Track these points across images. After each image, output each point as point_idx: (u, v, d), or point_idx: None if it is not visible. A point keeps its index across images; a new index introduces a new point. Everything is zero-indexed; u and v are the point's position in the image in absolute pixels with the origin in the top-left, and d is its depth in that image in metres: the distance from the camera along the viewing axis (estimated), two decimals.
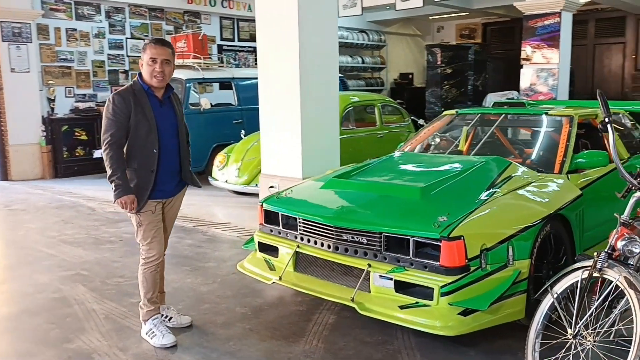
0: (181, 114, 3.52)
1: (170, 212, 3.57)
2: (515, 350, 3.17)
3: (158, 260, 3.44)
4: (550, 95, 9.53)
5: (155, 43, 3.32)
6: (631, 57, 13.67)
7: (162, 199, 3.44)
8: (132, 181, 3.31)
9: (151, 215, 3.39)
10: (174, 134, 3.44)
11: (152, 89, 3.35)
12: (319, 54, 5.44)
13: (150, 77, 3.29)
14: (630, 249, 2.58)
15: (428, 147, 5.07)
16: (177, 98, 3.56)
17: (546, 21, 9.36)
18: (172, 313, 3.67)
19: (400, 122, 8.73)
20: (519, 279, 3.22)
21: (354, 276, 3.42)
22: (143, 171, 3.32)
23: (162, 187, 3.41)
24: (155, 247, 3.41)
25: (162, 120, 3.37)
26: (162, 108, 3.39)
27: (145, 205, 3.34)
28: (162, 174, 3.37)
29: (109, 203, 7.64)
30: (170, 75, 3.36)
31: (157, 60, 3.27)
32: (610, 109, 2.77)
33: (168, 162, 3.40)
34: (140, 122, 3.28)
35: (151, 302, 3.46)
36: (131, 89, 3.32)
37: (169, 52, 3.32)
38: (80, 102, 10.26)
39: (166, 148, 3.38)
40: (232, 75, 9.34)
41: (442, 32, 16.44)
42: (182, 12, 11.62)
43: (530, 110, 4.92)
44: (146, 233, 3.40)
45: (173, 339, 3.38)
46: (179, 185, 3.55)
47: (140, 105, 3.28)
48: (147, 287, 3.43)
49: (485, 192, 3.59)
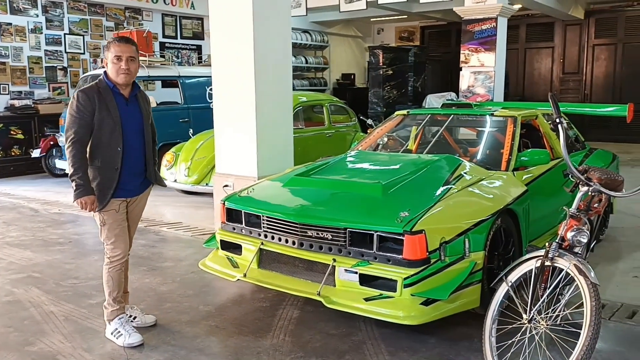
0: (147, 113, 3.52)
1: (135, 211, 3.56)
2: (472, 337, 3.38)
3: (123, 259, 3.43)
4: (487, 97, 9.98)
5: (119, 41, 3.34)
6: (559, 61, 14.49)
7: (125, 197, 3.43)
8: (95, 179, 3.30)
9: (115, 214, 3.38)
10: (139, 133, 3.44)
11: (118, 87, 3.34)
12: (273, 51, 5.50)
13: (116, 74, 3.29)
14: (579, 239, 2.82)
15: (380, 146, 5.25)
16: (144, 96, 3.55)
17: (483, 26, 9.79)
18: (136, 312, 3.65)
19: (348, 121, 8.91)
20: (474, 270, 3.42)
21: (319, 271, 3.53)
22: (106, 169, 3.31)
23: (126, 186, 3.40)
24: (120, 246, 3.41)
25: (127, 119, 3.36)
26: (128, 106, 3.38)
27: (108, 204, 3.33)
28: (126, 172, 3.37)
29: (51, 204, 7.42)
30: (136, 72, 3.38)
31: (122, 58, 3.27)
32: (560, 110, 3.01)
33: (132, 160, 3.40)
34: (105, 120, 3.27)
35: (116, 301, 3.45)
36: (96, 87, 3.31)
37: (133, 50, 3.34)
38: (16, 99, 9.86)
39: (131, 147, 3.38)
40: (178, 73, 9.24)
41: (382, 34, 16.83)
42: (123, 8, 11.37)
43: (477, 111, 5.19)
44: (110, 232, 3.38)
45: (140, 338, 3.38)
46: (144, 184, 3.55)
47: (105, 103, 3.28)
48: (112, 286, 3.42)
49: (441, 188, 3.78)
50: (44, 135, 9.61)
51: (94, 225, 6.41)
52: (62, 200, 7.63)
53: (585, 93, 14.21)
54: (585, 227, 2.87)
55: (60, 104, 9.95)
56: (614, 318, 3.70)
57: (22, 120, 9.68)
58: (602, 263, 4.78)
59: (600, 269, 4.63)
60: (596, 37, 13.98)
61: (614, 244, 5.38)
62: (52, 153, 9.32)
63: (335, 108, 8.85)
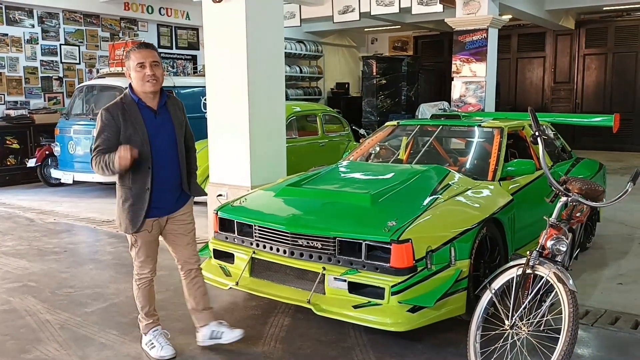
0: (180, 121, 3.28)
1: (179, 229, 3.33)
2: (457, 342, 3.47)
3: (150, 277, 3.36)
4: (479, 107, 10.12)
5: (139, 47, 3.13)
6: (550, 71, 14.67)
7: (160, 216, 3.24)
8: (127, 201, 3.14)
9: (146, 235, 3.23)
10: (172, 145, 3.22)
11: (144, 100, 3.14)
12: (266, 62, 5.60)
13: (142, 83, 3.07)
14: (558, 247, 2.93)
15: (371, 156, 5.36)
16: (175, 103, 3.31)
17: (474, 37, 9.94)
18: (224, 328, 3.48)
19: (341, 131, 9.03)
20: (460, 278, 3.52)
21: (309, 279, 3.62)
22: (137, 190, 3.14)
23: (160, 204, 3.21)
24: (149, 265, 3.32)
25: (157, 133, 3.15)
26: (157, 119, 3.17)
27: (142, 225, 3.17)
28: (159, 190, 3.17)
29: (47, 213, 7.48)
30: (163, 78, 3.17)
31: (146, 64, 3.06)
32: (539, 123, 3.12)
33: (165, 177, 3.20)
34: (132, 137, 3.07)
35: (148, 315, 3.42)
36: (121, 103, 3.12)
37: (155, 54, 3.13)
38: (11, 109, 9.94)
39: (163, 162, 3.17)
40: (173, 83, 9.33)
41: (376, 43, 16.99)
42: (119, 19, 11.48)
43: (465, 122, 5.30)
44: (140, 252, 3.28)
45: (172, 351, 3.36)
46: (182, 199, 3.32)
47: (131, 120, 3.08)
48: (141, 302, 3.39)
49: (429, 198, 3.89)
50: (40, 145, 9.69)
51: (89, 235, 6.52)
52: (57, 210, 7.70)
53: (577, 102, 14.39)
54: (565, 236, 2.97)
55: (56, 113, 10.03)
56: (597, 324, 3.79)
57: (18, 130, 9.75)
58: (587, 270, 4.88)
59: (586, 276, 4.74)
60: (587, 46, 14.18)
61: (600, 251, 5.49)
62: (48, 162, 9.38)
63: (328, 118, 8.97)
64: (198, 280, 3.46)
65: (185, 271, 3.46)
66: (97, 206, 7.99)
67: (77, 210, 7.65)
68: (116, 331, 3.78)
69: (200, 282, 3.47)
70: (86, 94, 9.00)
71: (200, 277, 3.48)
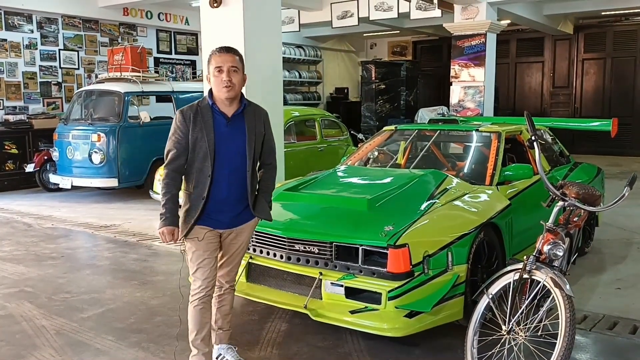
0: (256, 133, 3.04)
1: (232, 245, 3.13)
2: (455, 348, 3.45)
3: (202, 293, 3.03)
4: (477, 111, 10.13)
5: (219, 51, 2.96)
6: (549, 75, 14.69)
7: (214, 227, 3.02)
8: (185, 205, 2.99)
9: (197, 243, 3.00)
10: (240, 157, 2.99)
11: (219, 105, 2.97)
12: (264, 67, 5.60)
13: (218, 89, 2.92)
14: (555, 252, 2.92)
15: (369, 161, 5.35)
16: (255, 112, 3.08)
17: (473, 41, 9.96)
18: (230, 354, 3.29)
19: (339, 135, 9.03)
20: (457, 283, 3.51)
21: (305, 284, 3.61)
22: (195, 197, 2.97)
23: (215, 216, 3.00)
24: (200, 278, 3.03)
25: (225, 141, 2.95)
26: (227, 127, 2.97)
27: (191, 231, 2.98)
28: (216, 201, 2.97)
29: (45, 218, 7.47)
30: (241, 85, 2.98)
31: (224, 69, 2.90)
32: (536, 128, 3.12)
33: (227, 189, 2.99)
34: (198, 142, 2.91)
35: (194, 345, 3.08)
36: (196, 105, 2.98)
37: (236, 59, 2.95)
38: (10, 114, 9.95)
39: (226, 173, 2.98)
40: (172, 88, 9.34)
41: (375, 48, 17.03)
42: (118, 24, 11.50)
43: (463, 126, 5.30)
44: (192, 262, 3.04)
45: None
46: (243, 216, 3.09)
47: (202, 123, 2.92)
48: (191, 325, 3.08)
49: (426, 202, 3.88)
50: (38, 150, 9.68)
51: (87, 240, 6.51)
52: (55, 215, 7.69)
53: (576, 106, 14.40)
54: (562, 241, 2.96)
55: (55, 119, 10.02)
56: (595, 329, 3.78)
57: (17, 135, 9.73)
58: (585, 275, 4.87)
59: (584, 281, 4.72)
60: (585, 51, 14.21)
61: (599, 255, 5.48)
62: (46, 167, 9.37)
63: (327, 122, 8.98)
64: (225, 299, 3.26)
65: (218, 287, 3.24)
66: (96, 211, 7.98)
67: (75, 216, 7.64)
68: (112, 337, 3.76)
69: (226, 301, 3.26)
70: (85, 99, 9.00)
71: (229, 297, 3.27)
